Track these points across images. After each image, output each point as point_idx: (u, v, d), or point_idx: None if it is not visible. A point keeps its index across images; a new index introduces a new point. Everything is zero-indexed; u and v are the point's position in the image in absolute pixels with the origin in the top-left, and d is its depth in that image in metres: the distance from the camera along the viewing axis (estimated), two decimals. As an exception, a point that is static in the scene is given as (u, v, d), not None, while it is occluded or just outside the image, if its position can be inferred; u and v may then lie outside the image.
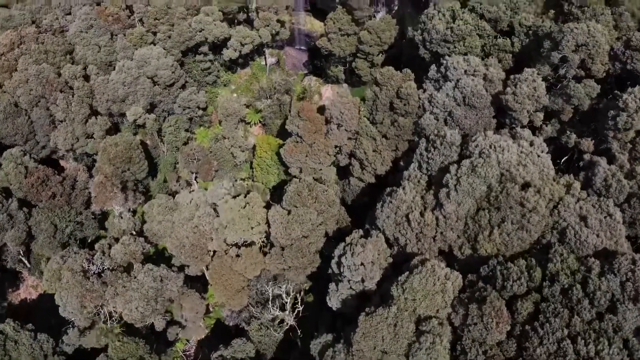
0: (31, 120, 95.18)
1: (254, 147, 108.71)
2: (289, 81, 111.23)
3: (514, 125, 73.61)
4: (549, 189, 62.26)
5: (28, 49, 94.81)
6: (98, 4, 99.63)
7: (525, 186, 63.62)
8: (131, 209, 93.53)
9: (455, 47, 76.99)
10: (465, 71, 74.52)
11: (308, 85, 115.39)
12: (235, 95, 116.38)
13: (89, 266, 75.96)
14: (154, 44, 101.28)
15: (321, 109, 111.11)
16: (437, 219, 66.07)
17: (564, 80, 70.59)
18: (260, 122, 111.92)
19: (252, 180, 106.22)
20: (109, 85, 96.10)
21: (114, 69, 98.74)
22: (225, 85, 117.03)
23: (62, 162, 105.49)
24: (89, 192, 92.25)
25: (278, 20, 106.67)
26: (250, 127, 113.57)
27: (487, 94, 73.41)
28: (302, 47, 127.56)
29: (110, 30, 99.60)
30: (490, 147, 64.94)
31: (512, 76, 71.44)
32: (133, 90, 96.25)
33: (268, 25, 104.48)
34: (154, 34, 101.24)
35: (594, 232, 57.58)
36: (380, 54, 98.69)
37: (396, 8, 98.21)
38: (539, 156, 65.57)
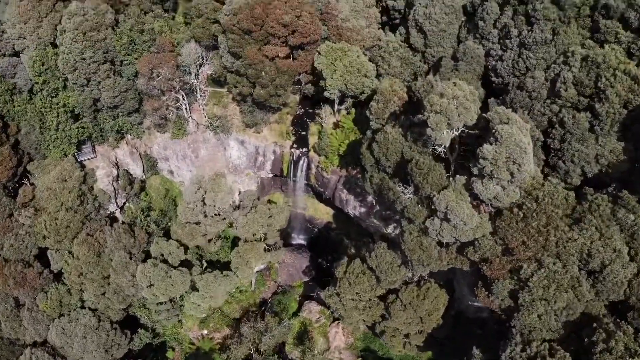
0: None
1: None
2: (284, 331, 79.31)
3: None
4: None
5: None
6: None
7: None
8: None
9: None
10: None
11: (309, 320, 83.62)
12: (205, 331, 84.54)
13: None
14: (83, 307, 69.82)
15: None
16: None
17: None
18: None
19: None
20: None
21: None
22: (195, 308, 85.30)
23: None
24: None
25: (268, 244, 75.21)
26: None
27: None
28: (302, 238, 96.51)
29: (12, 296, 68.03)
30: None
31: None
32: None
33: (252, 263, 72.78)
34: (82, 291, 69.64)
35: None
36: (421, 332, 67.04)
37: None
38: None
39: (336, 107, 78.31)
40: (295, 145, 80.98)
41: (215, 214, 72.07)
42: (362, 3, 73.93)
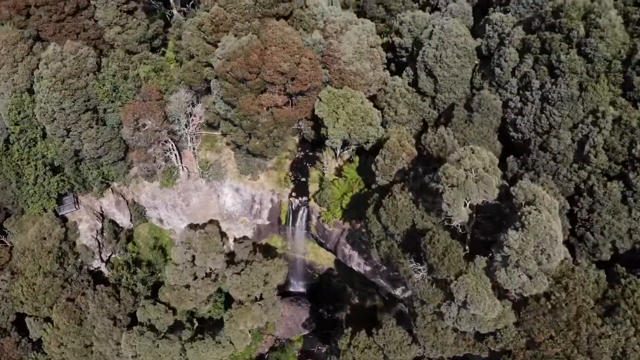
0: None
1: None
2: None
3: None
4: None
5: None
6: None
7: None
8: None
9: None
10: None
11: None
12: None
13: None
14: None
15: None
16: None
17: None
18: None
19: None
20: None
21: None
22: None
23: None
24: None
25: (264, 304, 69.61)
26: None
27: None
28: (301, 285, 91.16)
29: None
30: None
31: None
32: None
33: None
34: (61, 361, 64.09)
35: None
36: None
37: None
38: None
39: (338, 151, 73.01)
40: (294, 194, 75.51)
41: (207, 275, 66.63)
42: (366, 43, 68.30)
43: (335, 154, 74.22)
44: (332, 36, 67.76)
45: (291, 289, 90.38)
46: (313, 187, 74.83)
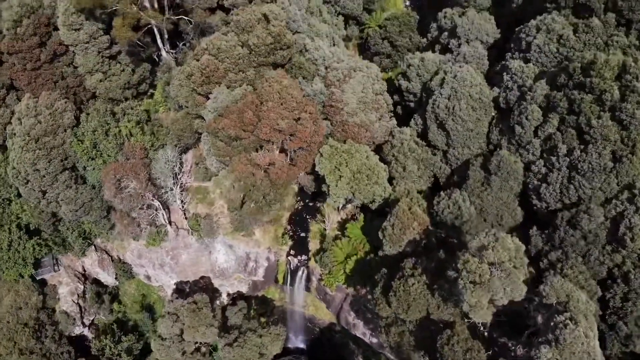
0: None
1: None
2: None
3: None
4: None
5: None
6: None
7: None
8: None
9: None
10: None
11: None
12: None
13: None
14: None
15: None
16: None
17: None
18: None
19: None
20: None
21: None
22: None
23: None
24: None
25: None
26: None
27: None
28: (300, 340, 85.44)
29: None
30: None
31: None
32: None
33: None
34: None
35: None
36: None
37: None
38: None
39: (341, 205, 67.44)
40: (292, 251, 69.75)
41: (196, 349, 61.07)
42: (371, 92, 62.81)
43: (338, 207, 68.75)
44: (334, 84, 62.15)
45: (290, 345, 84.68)
46: (313, 244, 69.27)
